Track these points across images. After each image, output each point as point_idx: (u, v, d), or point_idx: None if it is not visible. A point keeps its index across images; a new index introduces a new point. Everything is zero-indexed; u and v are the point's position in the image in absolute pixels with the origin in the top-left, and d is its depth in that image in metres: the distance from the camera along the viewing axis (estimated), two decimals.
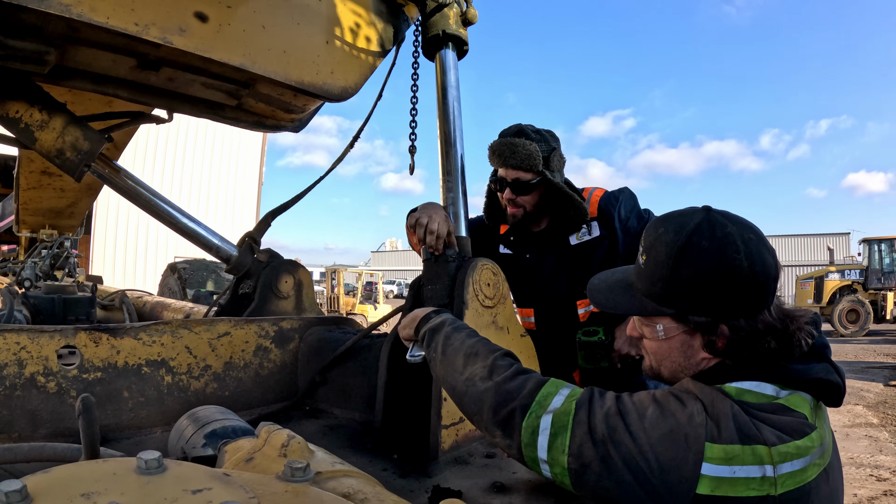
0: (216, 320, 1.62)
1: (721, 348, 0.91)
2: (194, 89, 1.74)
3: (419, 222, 1.53)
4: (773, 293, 0.90)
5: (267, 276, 2.05)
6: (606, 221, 1.96)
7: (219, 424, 0.97)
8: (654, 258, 0.94)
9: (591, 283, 1.12)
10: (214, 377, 1.62)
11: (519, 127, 1.91)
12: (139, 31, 1.42)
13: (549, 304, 2.04)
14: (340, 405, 1.70)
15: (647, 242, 0.97)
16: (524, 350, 1.57)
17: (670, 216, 0.97)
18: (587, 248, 1.97)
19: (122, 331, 1.48)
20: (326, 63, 1.79)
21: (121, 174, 1.91)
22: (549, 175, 1.86)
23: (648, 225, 1.00)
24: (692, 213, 0.95)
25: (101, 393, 1.44)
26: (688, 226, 0.91)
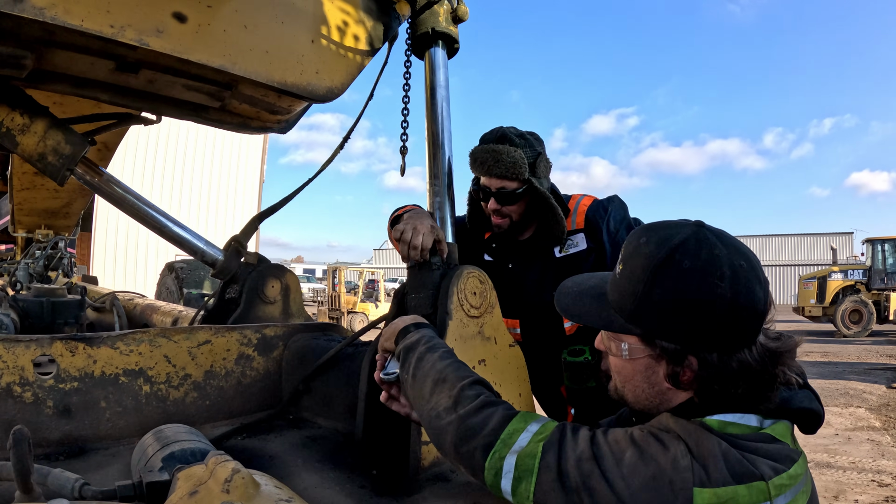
0: (196, 329, 1.58)
1: (685, 381, 0.83)
2: (176, 91, 1.70)
3: (402, 238, 1.47)
4: (756, 331, 0.82)
5: (253, 280, 2.01)
6: (594, 234, 1.86)
7: (179, 447, 0.93)
8: (630, 270, 0.86)
9: (564, 284, 1.05)
10: (194, 386, 1.58)
11: (501, 131, 1.81)
12: (114, 34, 1.39)
13: (533, 316, 1.97)
14: (324, 414, 1.66)
15: (627, 252, 0.90)
16: (512, 361, 1.52)
17: (656, 227, 0.89)
18: (573, 261, 1.88)
19: (99, 340, 1.45)
20: (311, 63, 1.75)
21: (104, 178, 1.87)
22: (535, 183, 1.77)
23: (632, 232, 0.92)
24: (680, 226, 0.86)
25: (78, 403, 1.41)
26: (672, 240, 0.83)
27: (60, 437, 1.39)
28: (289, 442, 1.52)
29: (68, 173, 1.80)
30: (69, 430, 1.40)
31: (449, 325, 1.32)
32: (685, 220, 0.89)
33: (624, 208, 1.92)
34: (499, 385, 1.48)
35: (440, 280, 1.39)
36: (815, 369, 10.53)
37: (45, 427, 1.37)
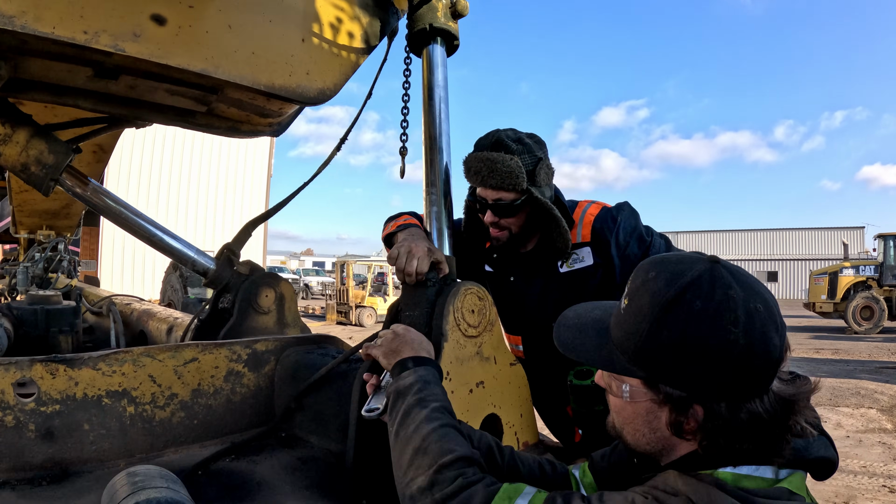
0: (182, 346, 1.51)
1: (688, 431, 0.76)
2: (158, 96, 1.62)
3: (397, 264, 1.39)
4: (770, 379, 0.74)
5: (246, 290, 1.94)
6: (602, 248, 1.71)
7: (144, 496, 0.86)
8: (636, 307, 0.80)
9: (565, 315, 0.99)
10: (181, 406, 1.51)
11: (497, 136, 1.64)
12: (88, 40, 1.31)
13: (536, 334, 1.85)
14: (317, 433, 1.59)
15: (634, 286, 0.83)
16: (513, 380, 1.44)
17: (666, 260, 0.82)
18: (578, 278, 1.74)
19: (80, 361, 1.39)
20: (301, 63, 1.66)
21: (90, 188, 1.80)
22: (535, 193, 1.63)
23: (641, 265, 0.85)
24: (693, 261, 0.79)
25: (60, 426, 1.36)
26: (683, 277, 0.76)
27: (43, 460, 1.34)
28: (279, 464, 1.45)
29: (52, 183, 1.74)
30: (52, 454, 1.34)
31: (444, 347, 1.25)
32: (698, 254, 0.81)
33: (635, 217, 1.76)
34: (498, 407, 1.40)
35: (436, 297, 1.30)
36: (826, 367, 10.37)
37: (28, 451, 1.32)
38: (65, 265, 4.01)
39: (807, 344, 13.89)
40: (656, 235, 1.76)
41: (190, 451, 1.52)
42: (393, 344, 1.13)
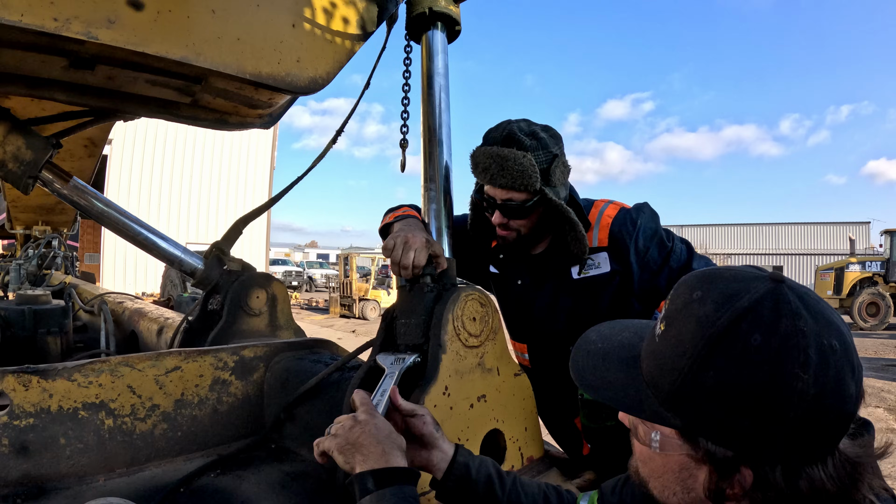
0: (163, 354, 1.42)
1: (731, 497, 0.61)
2: (139, 87, 1.52)
3: (392, 256, 1.28)
4: (840, 437, 0.60)
5: (236, 291, 1.84)
6: (620, 254, 1.58)
7: None
8: (676, 336, 0.64)
9: (587, 337, 0.82)
10: (164, 417, 1.42)
11: (508, 130, 1.49)
12: (58, 28, 1.21)
13: (544, 342, 1.73)
14: (308, 445, 1.48)
15: (674, 307, 0.66)
16: (518, 392, 1.34)
17: (717, 277, 0.65)
18: (593, 285, 1.61)
19: (54, 372, 1.30)
20: (291, 50, 1.55)
21: (70, 185, 1.70)
22: (549, 194, 1.48)
23: (684, 280, 0.69)
24: (751, 279, 0.62)
25: (35, 440, 1.27)
26: (738, 300, 0.60)
27: (19, 476, 1.25)
28: (266, 480, 1.36)
29: (31, 181, 1.65)
30: (27, 470, 1.26)
31: (442, 359, 1.15)
32: (756, 270, 0.64)
33: (655, 220, 1.63)
34: (501, 422, 1.31)
35: (433, 304, 1.20)
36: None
37: (2, 467, 1.24)
38: (59, 262, 3.92)
39: None
40: (677, 240, 1.64)
41: (174, 464, 1.43)
42: (351, 435, 0.89)
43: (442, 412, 1.15)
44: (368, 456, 0.85)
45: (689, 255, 1.61)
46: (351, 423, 0.91)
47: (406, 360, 1.14)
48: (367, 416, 0.91)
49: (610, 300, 1.61)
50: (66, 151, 3.07)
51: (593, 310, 1.64)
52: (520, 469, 1.38)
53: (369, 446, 0.86)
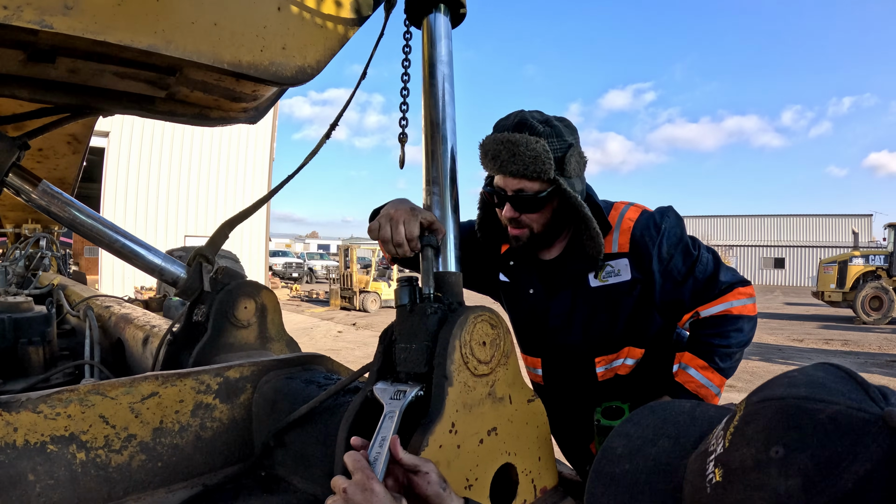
0: (137, 380, 1.28)
1: None
2: (106, 81, 1.37)
3: (381, 237, 1.17)
4: None
5: (222, 301, 1.70)
6: (641, 261, 1.45)
7: None
8: (741, 500, 0.46)
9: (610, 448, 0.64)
10: (141, 447, 1.29)
11: (521, 116, 1.39)
12: (8, 17, 1.06)
13: (558, 357, 1.60)
14: (300, 474, 1.37)
15: (739, 454, 0.48)
16: (531, 420, 1.20)
17: (809, 418, 0.45)
18: (612, 294, 1.49)
19: (17, 404, 1.17)
20: (276, 36, 1.39)
21: (39, 189, 1.55)
22: (563, 184, 1.36)
23: (756, 412, 0.50)
24: (859, 427, 0.43)
25: (1, 476, 1.14)
26: (840, 476, 0.42)
27: None
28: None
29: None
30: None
31: (449, 392, 1.00)
32: (863, 403, 0.45)
33: (680, 226, 1.50)
34: (514, 455, 1.16)
35: (438, 327, 1.05)
36: (836, 359, 10.16)
37: None
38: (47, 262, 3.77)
39: (816, 334, 13.65)
40: (703, 249, 1.51)
41: (155, 496, 1.30)
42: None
43: (448, 452, 1.01)
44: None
45: (717, 265, 1.50)
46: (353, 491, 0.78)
47: (407, 395, 0.99)
48: (361, 493, 0.77)
49: (630, 312, 1.50)
50: (48, 149, 2.93)
51: (612, 321, 1.52)
52: (532, 502, 1.25)
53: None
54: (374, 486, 0.77)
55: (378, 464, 0.84)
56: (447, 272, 1.20)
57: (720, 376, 1.46)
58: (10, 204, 4.12)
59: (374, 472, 0.81)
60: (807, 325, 15.42)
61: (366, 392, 1.08)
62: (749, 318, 1.48)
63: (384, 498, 0.76)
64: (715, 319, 1.47)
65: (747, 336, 1.48)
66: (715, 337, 1.46)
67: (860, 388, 0.47)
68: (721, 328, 1.46)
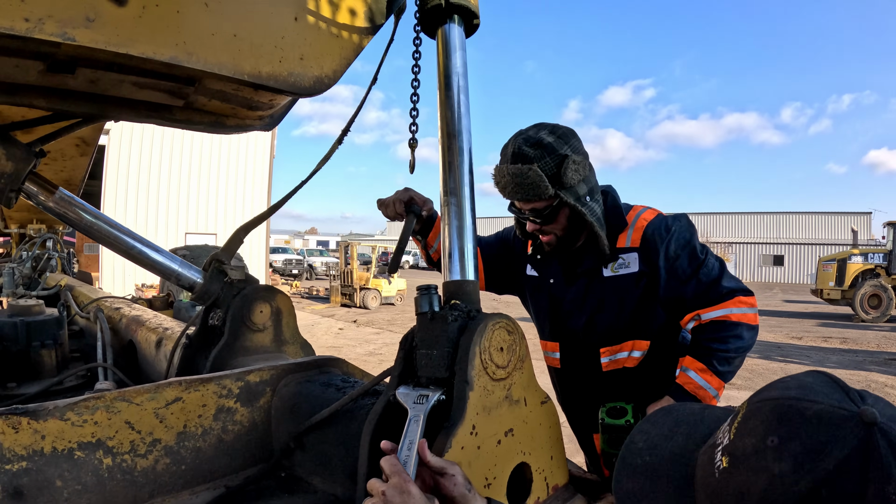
0: (162, 385, 1.31)
1: None
2: (126, 91, 1.39)
3: (382, 202, 1.69)
4: None
5: (237, 306, 1.73)
6: (650, 256, 1.59)
7: None
8: (742, 487, 0.55)
9: (633, 443, 0.73)
10: (166, 451, 1.32)
11: (516, 145, 1.53)
12: (30, 29, 1.07)
13: (569, 342, 1.73)
14: (320, 474, 1.40)
15: (741, 444, 0.57)
16: (545, 421, 1.24)
17: (798, 415, 0.55)
18: (621, 283, 1.62)
19: (45, 412, 1.20)
20: (294, 47, 1.41)
21: (56, 197, 1.58)
22: (563, 196, 1.52)
23: (757, 408, 0.60)
24: (840, 422, 0.53)
25: (29, 484, 1.17)
26: (823, 459, 0.52)
27: None
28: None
29: (14, 194, 1.52)
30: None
31: (470, 396, 1.03)
32: (842, 400, 0.55)
33: (691, 231, 1.62)
34: (528, 454, 1.20)
35: (458, 335, 1.08)
36: (835, 357, 10.20)
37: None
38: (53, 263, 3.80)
39: (815, 332, 13.70)
40: (711, 255, 1.61)
41: (178, 499, 1.33)
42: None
43: (469, 453, 1.05)
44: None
45: (721, 272, 1.59)
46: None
47: (430, 399, 1.03)
48: (399, 495, 0.82)
49: (636, 303, 1.61)
50: (56, 151, 2.94)
51: (618, 311, 1.64)
52: (544, 500, 1.29)
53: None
54: (410, 488, 0.82)
55: (408, 466, 0.87)
56: (465, 280, 1.23)
57: (718, 380, 1.53)
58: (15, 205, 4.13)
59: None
60: (805, 323, 15.49)
61: (388, 396, 1.11)
62: (749, 327, 1.55)
63: (420, 499, 0.81)
64: (715, 325, 1.56)
65: (747, 343, 1.54)
66: (714, 342, 1.54)
67: (842, 391, 0.57)
68: (720, 333, 1.54)
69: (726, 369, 1.53)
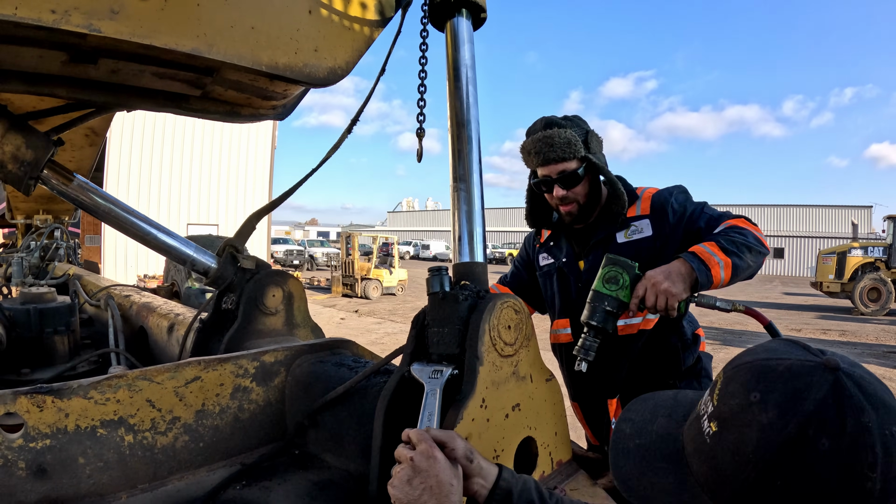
0: (181, 365, 1.36)
1: None
2: (145, 81, 1.43)
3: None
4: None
5: (251, 290, 1.78)
6: (659, 217, 1.76)
7: None
8: (736, 443, 0.61)
9: (620, 430, 0.79)
10: (185, 429, 1.37)
11: (545, 119, 1.75)
12: (57, 21, 1.12)
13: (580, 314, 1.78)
14: (333, 451, 1.46)
15: (727, 407, 0.63)
16: (549, 398, 1.30)
17: (771, 373, 0.62)
18: (637, 248, 1.76)
19: (69, 391, 1.24)
20: (308, 39, 1.46)
21: (75, 185, 1.63)
22: (592, 158, 1.72)
23: (735, 373, 0.65)
24: (808, 371, 0.60)
25: (53, 461, 1.22)
26: (802, 403, 0.57)
27: (38, 499, 1.21)
28: (293, 491, 1.32)
29: (33, 182, 1.57)
30: (46, 492, 1.21)
31: (479, 371, 1.09)
32: (805, 354, 0.63)
33: (687, 193, 1.84)
34: (534, 429, 1.26)
35: (468, 313, 1.14)
36: (833, 350, 10.23)
37: (20, 490, 1.19)
38: (61, 253, 3.84)
39: (814, 324, 13.78)
40: (709, 206, 1.80)
41: (196, 476, 1.39)
42: (413, 494, 0.87)
43: (479, 425, 1.10)
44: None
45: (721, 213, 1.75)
46: (409, 475, 0.88)
47: (444, 374, 1.09)
48: (426, 461, 0.87)
49: (649, 262, 1.68)
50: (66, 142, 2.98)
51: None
52: (549, 474, 1.35)
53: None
54: (437, 454, 0.88)
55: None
56: (474, 262, 1.29)
57: (724, 255, 1.57)
58: (22, 196, 4.17)
59: None
60: (805, 315, 15.56)
61: (402, 372, 1.16)
62: (755, 234, 1.65)
63: (446, 464, 0.88)
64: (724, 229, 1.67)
65: (750, 239, 1.61)
66: (720, 235, 1.64)
67: (804, 349, 0.65)
68: (727, 230, 1.65)
69: (733, 250, 1.57)
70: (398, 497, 0.87)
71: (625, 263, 1.57)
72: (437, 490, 0.85)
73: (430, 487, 0.85)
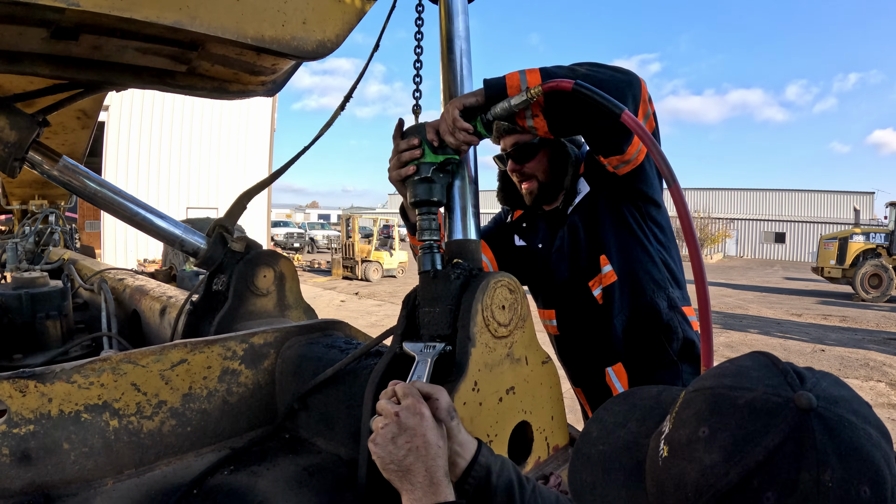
0: (167, 348, 1.33)
1: None
2: (129, 57, 1.39)
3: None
4: None
5: (241, 271, 1.75)
6: (592, 171, 1.61)
7: None
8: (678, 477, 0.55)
9: (588, 433, 0.72)
10: (172, 413, 1.35)
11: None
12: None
13: (564, 297, 1.73)
14: (324, 435, 1.44)
15: (678, 434, 0.57)
16: (545, 380, 1.27)
17: (730, 404, 0.54)
18: (583, 211, 1.64)
19: (52, 375, 1.22)
20: (297, 11, 1.41)
21: (60, 165, 1.58)
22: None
23: (691, 399, 0.59)
24: (772, 410, 0.51)
25: (37, 447, 1.20)
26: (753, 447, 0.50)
27: (23, 486, 1.19)
28: (282, 476, 1.29)
29: (18, 164, 1.53)
30: (31, 478, 1.19)
31: (472, 353, 1.05)
32: (778, 389, 0.53)
33: None
34: (529, 413, 1.23)
35: (461, 292, 1.10)
36: (834, 335, 10.23)
37: (5, 476, 1.17)
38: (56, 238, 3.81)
39: (814, 309, 13.77)
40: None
41: (184, 461, 1.37)
42: (397, 453, 0.81)
43: (471, 409, 1.07)
44: (415, 485, 0.79)
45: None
46: (394, 432, 0.82)
47: (436, 347, 1.05)
48: (416, 423, 0.82)
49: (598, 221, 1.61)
50: (57, 125, 2.93)
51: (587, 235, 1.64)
52: (546, 459, 1.32)
53: (417, 473, 0.79)
54: (423, 410, 0.83)
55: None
56: (468, 239, 1.25)
57: (532, 68, 1.28)
58: (17, 181, 4.13)
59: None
60: (806, 301, 15.56)
61: (394, 350, 1.13)
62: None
63: (431, 422, 0.83)
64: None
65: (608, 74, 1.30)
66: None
67: (780, 374, 0.55)
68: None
69: (552, 69, 1.27)
70: (380, 455, 0.82)
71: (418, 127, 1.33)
72: (423, 451, 0.80)
73: (417, 448, 0.80)
